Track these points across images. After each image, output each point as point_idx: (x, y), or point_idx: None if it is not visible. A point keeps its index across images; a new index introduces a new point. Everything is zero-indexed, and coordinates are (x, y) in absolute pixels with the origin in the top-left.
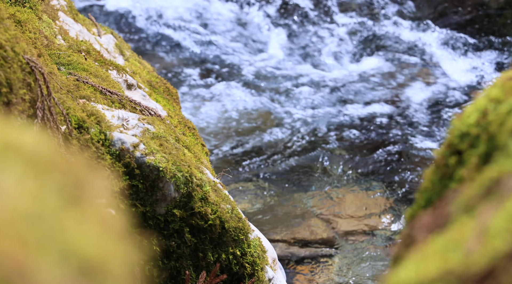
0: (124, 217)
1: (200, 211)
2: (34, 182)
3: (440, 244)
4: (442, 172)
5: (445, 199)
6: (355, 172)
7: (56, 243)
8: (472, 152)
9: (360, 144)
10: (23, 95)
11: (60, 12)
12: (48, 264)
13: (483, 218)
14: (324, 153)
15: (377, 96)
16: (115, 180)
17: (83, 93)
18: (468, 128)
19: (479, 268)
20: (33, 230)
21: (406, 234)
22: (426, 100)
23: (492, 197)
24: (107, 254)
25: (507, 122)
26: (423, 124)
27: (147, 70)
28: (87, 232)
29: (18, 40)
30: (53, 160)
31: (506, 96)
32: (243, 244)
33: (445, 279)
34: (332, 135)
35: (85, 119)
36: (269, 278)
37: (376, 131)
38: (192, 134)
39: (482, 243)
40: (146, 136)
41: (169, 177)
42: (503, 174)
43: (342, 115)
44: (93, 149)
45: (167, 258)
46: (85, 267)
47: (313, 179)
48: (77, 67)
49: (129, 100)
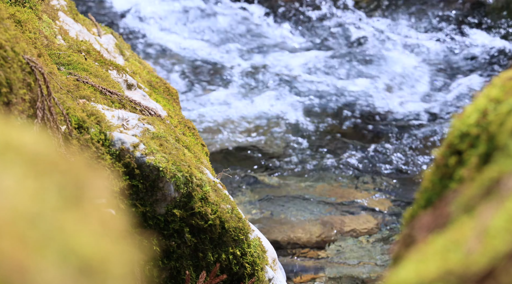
0: (124, 217)
1: (200, 211)
2: (34, 182)
3: (440, 244)
4: (442, 172)
5: (445, 199)
6: (354, 172)
7: (56, 243)
8: (472, 152)
9: (360, 144)
10: (23, 95)
11: (60, 12)
12: (48, 264)
13: (483, 218)
14: (323, 154)
15: (377, 96)
16: (115, 180)
17: (83, 93)
18: (468, 128)
19: (479, 268)
20: (33, 230)
21: (406, 234)
22: (427, 99)
23: (492, 197)
24: (107, 254)
25: (507, 122)
26: (423, 124)
27: (147, 70)
28: (87, 232)
29: (18, 40)
30: (53, 160)
31: (506, 96)
32: (243, 244)
33: (445, 279)
34: (332, 136)
35: (85, 119)
36: (269, 278)
37: (376, 132)
38: (192, 134)
39: (482, 243)
40: (146, 136)
41: (169, 177)
42: (503, 174)
43: (342, 116)
44: (93, 149)
45: (167, 258)
46: (85, 267)
47: (312, 179)
48: (77, 67)
49: (129, 100)
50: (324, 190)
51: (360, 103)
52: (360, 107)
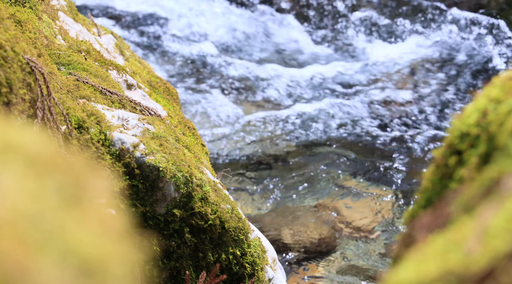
0: (124, 217)
1: (200, 211)
2: (34, 182)
3: (440, 244)
4: (442, 172)
5: (445, 199)
6: (354, 172)
7: (56, 243)
8: (472, 152)
9: (360, 144)
10: (23, 95)
11: (60, 12)
12: (48, 264)
13: (483, 218)
14: (323, 154)
15: (377, 96)
16: (115, 180)
17: (83, 93)
18: (468, 128)
19: (479, 268)
20: (33, 230)
21: (406, 234)
22: (427, 98)
23: (492, 197)
24: (107, 254)
25: (507, 122)
26: (423, 123)
27: (147, 70)
28: (87, 232)
29: (18, 40)
30: (53, 160)
31: (506, 96)
32: (243, 244)
33: (445, 279)
34: (331, 136)
35: (85, 119)
36: (269, 278)
37: (376, 132)
38: (192, 134)
39: (482, 243)
40: (146, 136)
41: (169, 177)
42: (503, 174)
43: (342, 116)
44: (93, 149)
45: (167, 258)
46: (85, 267)
47: (312, 180)
48: (77, 67)
49: (129, 100)
50: (324, 189)
51: (361, 102)
52: (360, 106)
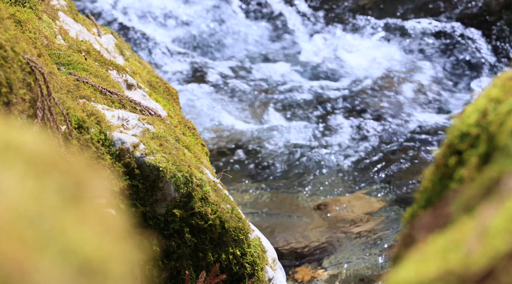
0: (124, 217)
1: (200, 211)
2: (34, 182)
3: (440, 244)
4: (442, 172)
5: (445, 199)
6: (354, 172)
7: (56, 243)
8: (472, 152)
9: (360, 144)
10: (23, 95)
11: (60, 12)
12: (48, 264)
13: (483, 218)
14: (323, 154)
15: (377, 96)
16: (115, 180)
17: (83, 93)
18: (468, 128)
19: (479, 268)
20: (33, 230)
21: (406, 234)
22: (426, 98)
23: (492, 197)
24: (107, 254)
25: (507, 122)
26: (423, 123)
27: (147, 70)
28: (87, 232)
29: (18, 40)
30: (53, 160)
31: (506, 96)
32: (243, 244)
33: (445, 279)
34: (331, 136)
35: (85, 119)
36: (269, 278)
37: (376, 132)
38: (192, 134)
39: (482, 243)
40: (146, 136)
41: (169, 177)
42: (503, 174)
43: (341, 116)
44: (93, 149)
45: (167, 258)
46: (85, 267)
47: (312, 180)
48: (77, 67)
49: (129, 100)
50: (324, 190)
51: (361, 103)
52: (360, 107)
